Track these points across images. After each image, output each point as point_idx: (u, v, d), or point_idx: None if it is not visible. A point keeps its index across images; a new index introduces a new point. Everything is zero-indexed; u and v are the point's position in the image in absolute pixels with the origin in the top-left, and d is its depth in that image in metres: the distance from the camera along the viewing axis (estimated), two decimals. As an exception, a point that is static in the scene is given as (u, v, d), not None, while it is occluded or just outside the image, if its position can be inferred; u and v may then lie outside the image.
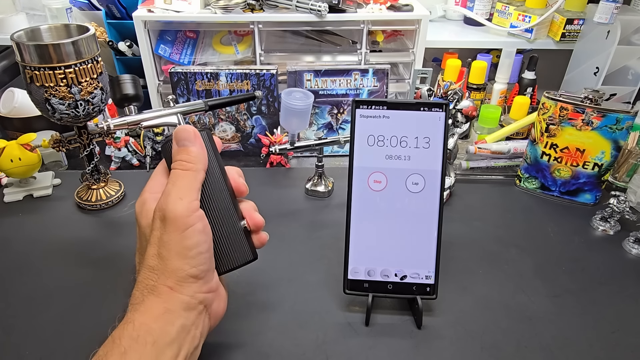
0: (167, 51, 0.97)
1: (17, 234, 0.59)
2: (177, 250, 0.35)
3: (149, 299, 0.35)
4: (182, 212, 0.35)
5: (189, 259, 0.35)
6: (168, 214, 0.35)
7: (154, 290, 0.35)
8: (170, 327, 0.34)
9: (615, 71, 0.95)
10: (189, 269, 0.35)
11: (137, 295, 0.36)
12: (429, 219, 0.45)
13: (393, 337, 0.45)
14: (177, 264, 0.35)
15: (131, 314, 0.35)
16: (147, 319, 0.34)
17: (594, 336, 0.46)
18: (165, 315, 0.34)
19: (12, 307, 0.48)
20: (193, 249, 0.35)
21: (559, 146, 0.64)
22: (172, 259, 0.35)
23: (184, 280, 0.35)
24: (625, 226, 0.61)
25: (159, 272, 0.35)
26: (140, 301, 0.35)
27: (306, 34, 1.02)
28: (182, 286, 0.35)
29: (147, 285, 0.35)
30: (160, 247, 0.35)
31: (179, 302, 0.35)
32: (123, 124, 0.43)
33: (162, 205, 0.36)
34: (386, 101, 0.44)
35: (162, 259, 0.35)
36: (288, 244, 0.58)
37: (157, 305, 0.34)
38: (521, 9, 1.02)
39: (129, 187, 0.68)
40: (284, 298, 0.50)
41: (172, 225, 0.35)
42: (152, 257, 0.36)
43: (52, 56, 0.52)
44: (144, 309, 0.34)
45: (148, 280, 0.35)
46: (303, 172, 0.73)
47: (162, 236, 0.35)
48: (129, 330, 0.33)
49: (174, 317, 0.34)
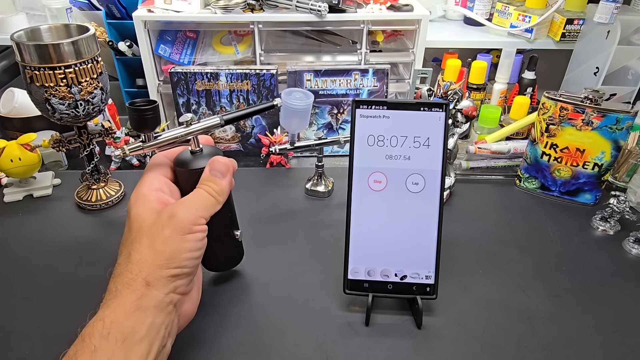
0: (167, 51, 0.97)
1: (17, 234, 0.59)
2: (173, 248, 0.37)
3: (123, 293, 0.35)
4: (191, 219, 0.38)
5: (178, 260, 0.37)
6: (179, 214, 0.38)
7: (130, 284, 0.35)
8: (141, 325, 0.34)
9: (615, 71, 0.95)
10: (173, 269, 0.37)
11: (111, 288, 0.36)
12: (429, 219, 0.45)
13: (393, 337, 0.45)
14: (164, 261, 0.36)
15: (102, 311, 0.35)
16: (119, 315, 0.34)
17: (594, 336, 0.46)
18: (137, 312, 0.34)
19: (12, 307, 0.48)
20: (187, 253, 0.38)
21: (559, 146, 0.64)
22: (163, 255, 0.36)
23: (164, 277, 0.36)
24: (625, 226, 0.61)
25: (142, 264, 0.36)
26: (114, 296, 0.35)
27: (306, 34, 1.02)
28: (160, 283, 0.36)
29: (124, 278, 0.36)
30: (157, 240, 0.37)
31: (152, 299, 0.35)
32: (139, 149, 0.43)
33: (176, 207, 0.38)
34: (386, 101, 0.44)
35: (154, 251, 0.36)
36: (288, 244, 0.58)
37: (130, 301, 0.35)
38: (521, 9, 1.02)
39: (129, 187, 0.68)
40: (284, 298, 0.50)
41: (179, 225, 0.37)
42: (143, 249, 0.37)
43: (52, 56, 0.52)
44: (115, 305, 0.35)
45: (127, 273, 0.36)
46: (303, 172, 0.73)
47: (164, 231, 0.37)
48: (99, 328, 0.33)
49: (145, 315, 0.35)
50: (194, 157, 0.43)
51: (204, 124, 0.44)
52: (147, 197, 0.40)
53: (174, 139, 0.43)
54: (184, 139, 0.43)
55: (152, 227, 0.38)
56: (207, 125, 0.44)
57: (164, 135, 0.43)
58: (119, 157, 0.42)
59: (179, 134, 0.43)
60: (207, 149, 0.44)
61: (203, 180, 0.41)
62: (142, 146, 0.42)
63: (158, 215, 0.38)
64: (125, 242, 0.39)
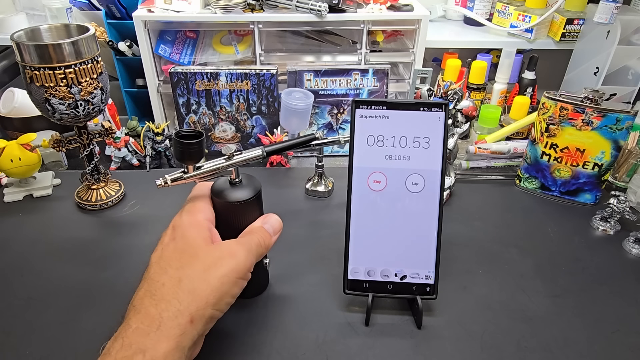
0: (167, 51, 0.97)
1: (17, 234, 0.59)
2: (224, 289, 0.36)
3: (168, 325, 0.33)
4: (249, 264, 0.39)
5: (223, 304, 0.37)
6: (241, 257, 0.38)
7: (177, 316, 0.33)
8: None
9: (615, 71, 0.95)
10: (216, 310, 0.36)
11: (153, 313, 0.33)
12: (429, 219, 0.45)
13: (393, 337, 0.45)
14: (212, 300, 0.35)
15: (143, 341, 0.32)
16: (158, 353, 0.32)
17: (594, 336, 0.46)
18: (175, 351, 0.32)
19: (12, 307, 0.48)
20: (232, 298, 0.38)
21: (559, 146, 0.64)
22: (215, 293, 0.35)
23: (207, 317, 0.35)
24: (625, 226, 0.61)
25: (193, 297, 0.34)
26: (157, 326, 0.32)
27: (306, 34, 1.02)
28: (200, 322, 0.35)
29: (171, 307, 0.33)
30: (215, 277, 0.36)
31: (190, 338, 0.34)
32: (180, 180, 0.42)
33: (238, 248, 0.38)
34: (386, 101, 0.44)
35: (209, 286, 0.35)
36: (288, 244, 0.57)
37: (172, 339, 0.32)
38: (521, 9, 1.02)
39: (129, 187, 0.68)
40: (283, 298, 0.50)
41: (238, 267, 0.37)
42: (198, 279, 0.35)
43: (52, 56, 0.52)
44: (157, 338, 0.32)
45: (174, 301, 0.34)
46: (303, 172, 0.73)
47: (223, 268, 0.36)
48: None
49: (180, 356, 0.33)
50: (232, 188, 0.43)
51: (246, 155, 0.44)
52: (202, 225, 0.39)
53: (215, 170, 0.43)
54: (225, 170, 0.43)
55: (209, 258, 0.37)
56: (249, 157, 0.44)
57: (206, 166, 0.42)
58: (160, 186, 0.42)
59: (220, 166, 0.43)
60: (246, 179, 0.44)
61: (256, 230, 0.42)
62: (184, 177, 0.42)
63: (217, 248, 0.38)
64: (171, 263, 0.36)
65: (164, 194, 0.66)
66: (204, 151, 0.41)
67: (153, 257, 0.38)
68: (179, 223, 0.39)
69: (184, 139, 0.39)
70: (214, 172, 0.43)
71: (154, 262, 0.37)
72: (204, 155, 0.41)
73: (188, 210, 0.41)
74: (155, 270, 0.36)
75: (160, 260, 0.37)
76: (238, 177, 0.43)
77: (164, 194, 0.66)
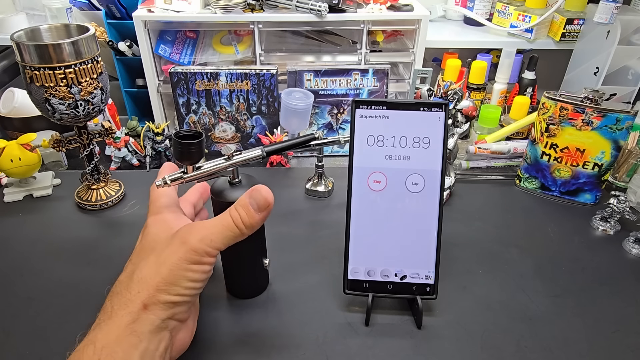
0: (167, 51, 0.97)
1: (17, 234, 0.59)
2: (176, 275, 0.35)
3: (118, 314, 0.34)
4: (201, 251, 0.36)
5: (179, 288, 0.36)
6: (191, 243, 0.36)
7: (127, 305, 0.34)
8: (133, 351, 0.33)
9: (615, 71, 0.95)
10: (172, 295, 0.35)
11: (106, 307, 0.35)
12: (429, 219, 0.45)
13: (393, 337, 0.45)
14: (165, 286, 0.35)
15: (94, 333, 0.33)
16: (110, 339, 0.32)
17: (594, 336, 0.46)
18: (130, 337, 0.33)
19: (12, 307, 0.48)
20: (189, 282, 0.36)
21: (559, 146, 0.64)
22: (165, 280, 0.35)
23: (162, 303, 0.35)
24: (625, 226, 0.61)
25: (142, 285, 0.35)
26: (108, 316, 0.34)
27: (306, 34, 1.02)
28: (157, 308, 0.35)
29: (122, 297, 0.35)
30: (164, 264, 0.36)
31: (148, 324, 0.34)
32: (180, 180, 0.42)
33: (192, 233, 0.37)
34: (386, 101, 0.44)
35: (158, 274, 0.35)
36: (288, 244, 0.58)
37: (124, 324, 0.33)
38: (521, 9, 1.02)
39: (129, 187, 0.68)
40: (283, 298, 0.50)
41: (187, 254, 0.36)
42: (148, 269, 0.36)
43: (52, 56, 0.52)
44: (108, 327, 0.33)
45: (125, 292, 0.35)
46: (303, 172, 0.73)
47: (172, 256, 0.36)
48: (89, 354, 0.32)
49: (139, 341, 0.33)
50: (232, 188, 0.43)
51: (245, 156, 0.44)
52: (163, 218, 0.40)
53: (215, 171, 0.43)
54: (225, 171, 0.43)
55: (162, 249, 0.37)
56: (249, 157, 0.44)
57: (205, 166, 0.42)
58: (160, 186, 0.42)
59: (220, 166, 0.43)
60: (246, 179, 0.44)
61: (237, 206, 0.38)
62: (183, 177, 0.42)
63: (172, 237, 0.37)
64: (132, 260, 0.38)
65: (164, 194, 0.66)
66: (204, 151, 0.41)
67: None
68: (145, 223, 0.40)
69: (183, 139, 0.39)
70: (214, 172, 0.43)
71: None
72: (203, 155, 0.41)
73: (151, 206, 0.42)
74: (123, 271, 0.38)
75: (127, 262, 0.39)
76: (238, 177, 0.43)
77: (164, 194, 0.66)
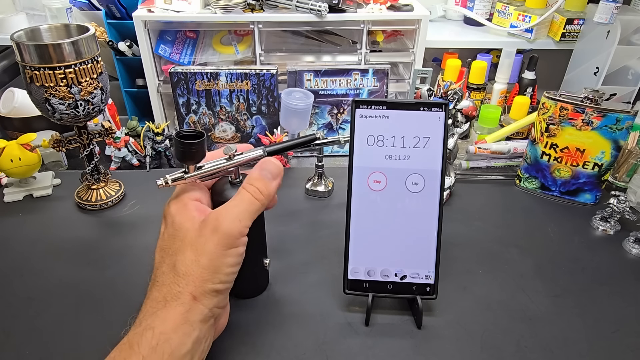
0: (167, 51, 0.97)
1: (17, 234, 0.59)
2: (216, 263, 0.37)
3: (172, 305, 0.35)
4: (236, 232, 0.37)
5: (221, 275, 0.37)
6: (223, 228, 0.37)
7: (179, 297, 0.35)
8: (187, 339, 0.35)
9: (615, 71, 0.95)
10: (216, 284, 0.37)
11: (157, 297, 0.36)
12: (429, 219, 0.45)
13: (393, 337, 0.45)
14: (209, 276, 0.36)
15: (151, 319, 0.35)
16: (167, 327, 0.34)
17: (594, 336, 0.46)
18: (184, 326, 0.35)
19: (12, 307, 0.48)
20: (229, 268, 0.37)
21: (559, 146, 0.64)
22: (208, 270, 0.36)
23: (209, 292, 0.36)
24: (625, 226, 0.61)
25: (188, 278, 0.36)
26: (162, 306, 0.35)
27: (306, 34, 1.02)
28: (205, 298, 0.36)
29: (172, 290, 0.36)
30: (202, 255, 0.37)
31: (199, 313, 0.36)
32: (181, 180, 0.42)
33: (221, 219, 0.37)
34: (386, 101, 0.44)
35: (199, 266, 0.36)
36: (288, 244, 0.58)
37: (178, 314, 0.35)
38: (521, 9, 1.02)
39: (129, 187, 0.68)
40: (283, 298, 0.50)
41: (222, 240, 0.37)
42: (189, 262, 0.36)
43: (52, 56, 0.52)
44: (164, 315, 0.35)
45: (174, 285, 0.36)
46: (303, 172, 0.73)
47: (208, 245, 0.37)
48: (148, 338, 0.33)
49: (192, 329, 0.35)
50: (233, 188, 0.43)
51: (247, 156, 0.44)
52: (187, 207, 0.40)
53: (216, 171, 0.42)
54: (226, 171, 0.43)
55: (196, 240, 0.37)
56: (250, 157, 0.44)
57: (207, 166, 0.42)
58: (161, 186, 0.42)
59: (222, 166, 0.42)
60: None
61: (251, 180, 0.40)
62: (184, 177, 0.42)
63: (202, 226, 0.38)
64: (167, 250, 0.38)
65: (164, 194, 0.66)
66: (205, 151, 0.41)
67: (156, 248, 0.40)
68: (168, 211, 0.41)
69: (185, 139, 0.39)
70: (215, 172, 0.43)
71: (156, 253, 0.40)
72: (205, 155, 0.41)
73: (174, 196, 0.42)
74: (157, 259, 0.39)
75: (159, 250, 0.39)
76: (239, 177, 0.43)
77: (164, 194, 0.66)
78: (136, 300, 0.38)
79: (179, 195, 0.41)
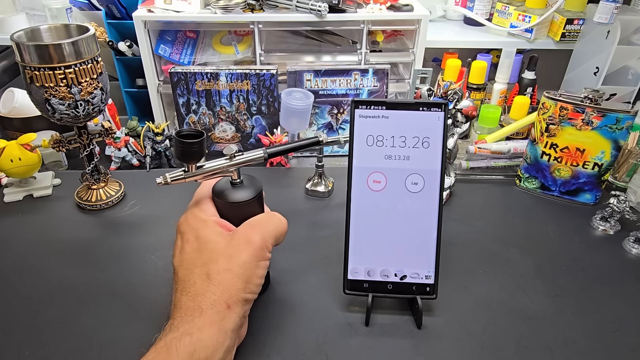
0: (167, 51, 0.97)
1: (17, 234, 0.59)
2: (249, 273, 0.38)
3: (209, 313, 0.36)
4: (265, 246, 0.40)
5: (252, 285, 0.39)
6: (254, 240, 0.39)
7: (214, 305, 0.37)
8: (221, 348, 0.36)
9: (615, 71, 0.95)
10: (247, 293, 0.38)
11: (192, 306, 0.37)
12: (429, 219, 0.45)
13: (393, 337, 0.45)
14: (242, 285, 0.38)
15: (188, 326, 0.36)
16: (205, 335, 0.35)
17: (594, 336, 0.46)
18: (219, 334, 0.36)
19: (12, 307, 0.48)
20: (259, 279, 0.40)
21: (559, 146, 0.64)
22: (241, 279, 0.38)
23: (240, 301, 0.38)
24: (625, 226, 0.61)
25: (223, 286, 0.37)
26: (199, 314, 0.36)
27: (306, 34, 1.02)
28: (237, 306, 0.38)
29: (207, 299, 0.37)
30: (236, 265, 0.38)
31: (232, 322, 0.37)
32: (180, 179, 0.42)
33: (252, 232, 0.40)
34: (385, 101, 0.44)
35: (233, 275, 0.38)
36: (288, 244, 0.57)
37: (215, 323, 0.36)
38: (521, 9, 1.02)
39: (129, 187, 0.68)
40: (283, 298, 0.50)
41: (256, 251, 0.39)
42: (223, 271, 0.38)
43: (52, 56, 0.52)
44: (202, 323, 0.36)
45: (209, 293, 0.37)
46: (303, 172, 0.73)
47: (242, 256, 0.38)
48: (186, 344, 0.34)
49: (225, 338, 0.36)
50: (234, 188, 0.43)
51: (247, 156, 0.44)
52: (210, 222, 0.41)
53: (217, 170, 0.43)
54: (226, 170, 0.43)
55: (227, 249, 0.39)
56: (250, 157, 0.44)
57: (207, 166, 0.43)
58: (160, 184, 0.42)
59: (222, 166, 0.43)
60: (247, 180, 0.44)
61: (271, 214, 0.43)
62: (184, 176, 0.42)
63: (232, 237, 0.40)
64: (194, 262, 0.39)
65: (164, 194, 0.66)
66: (205, 151, 0.41)
67: (175, 262, 0.41)
68: (187, 228, 0.41)
69: (184, 139, 0.39)
70: (215, 172, 0.43)
71: (178, 267, 0.40)
72: (204, 154, 0.41)
73: (192, 212, 0.42)
74: (183, 272, 0.39)
75: (183, 263, 0.40)
76: (239, 178, 0.44)
77: (164, 194, 0.66)
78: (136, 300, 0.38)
79: (194, 213, 0.42)
